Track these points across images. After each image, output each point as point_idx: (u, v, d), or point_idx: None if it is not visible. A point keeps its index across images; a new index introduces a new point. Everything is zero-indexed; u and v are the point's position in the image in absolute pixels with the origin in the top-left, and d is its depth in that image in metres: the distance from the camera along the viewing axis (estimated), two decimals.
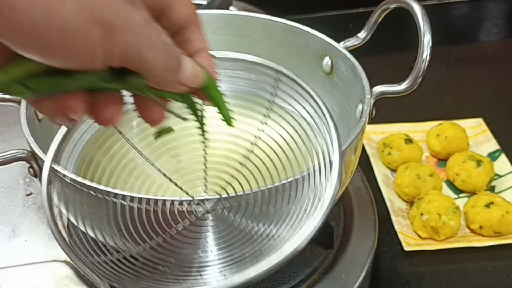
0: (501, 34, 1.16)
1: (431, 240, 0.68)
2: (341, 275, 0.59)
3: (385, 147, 0.78)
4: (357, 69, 0.59)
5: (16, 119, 0.53)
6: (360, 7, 1.15)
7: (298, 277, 0.57)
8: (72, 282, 0.58)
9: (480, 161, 0.74)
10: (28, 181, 0.70)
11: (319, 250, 0.60)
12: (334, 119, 0.44)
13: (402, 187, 0.73)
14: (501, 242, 0.68)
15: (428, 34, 0.54)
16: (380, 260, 0.67)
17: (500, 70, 1.02)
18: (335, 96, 0.65)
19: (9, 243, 0.63)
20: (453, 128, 0.79)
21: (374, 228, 0.64)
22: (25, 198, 0.68)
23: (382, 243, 0.69)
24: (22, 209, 0.67)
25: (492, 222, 0.68)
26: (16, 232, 0.64)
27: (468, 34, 1.16)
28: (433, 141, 0.79)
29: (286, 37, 0.67)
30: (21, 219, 0.66)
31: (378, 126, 0.84)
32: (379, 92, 0.57)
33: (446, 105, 0.93)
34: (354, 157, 0.54)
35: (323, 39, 0.64)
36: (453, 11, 1.20)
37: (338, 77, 0.64)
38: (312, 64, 0.66)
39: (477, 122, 0.84)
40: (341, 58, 0.62)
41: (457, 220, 0.68)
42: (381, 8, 0.60)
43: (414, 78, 0.55)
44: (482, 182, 0.73)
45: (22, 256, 0.61)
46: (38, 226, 0.65)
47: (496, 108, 0.91)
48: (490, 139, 0.81)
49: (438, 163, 0.80)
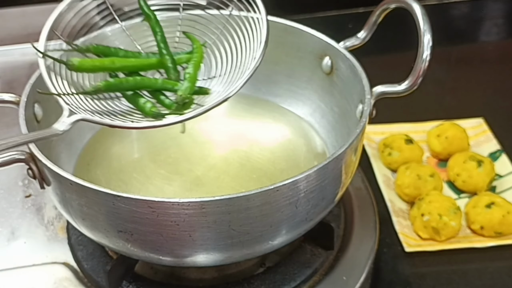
0: (502, 34, 1.16)
1: (432, 240, 0.68)
2: (342, 276, 0.59)
3: (386, 148, 0.78)
4: (357, 69, 0.59)
5: (15, 120, 0.53)
6: (360, 7, 1.15)
7: (299, 278, 0.57)
8: (71, 284, 0.58)
9: (480, 161, 0.73)
10: (27, 183, 0.70)
11: (320, 252, 0.60)
12: None
13: (402, 187, 0.73)
14: (502, 243, 0.68)
15: (428, 34, 0.54)
16: (381, 261, 0.67)
17: (500, 70, 1.02)
18: (335, 97, 0.65)
19: (8, 245, 0.63)
20: (454, 128, 0.79)
21: (375, 229, 0.64)
22: (24, 200, 0.68)
23: (382, 244, 0.68)
24: (21, 211, 0.67)
25: (493, 222, 0.67)
26: (15, 234, 0.64)
27: (469, 34, 1.16)
28: (434, 141, 0.79)
29: (286, 37, 0.67)
30: (20, 221, 0.65)
31: (378, 126, 0.83)
32: (379, 92, 0.56)
33: (446, 105, 0.93)
34: (355, 157, 0.54)
35: (323, 39, 0.64)
36: (453, 11, 1.20)
37: (338, 77, 0.64)
38: (312, 65, 0.66)
39: (477, 122, 0.84)
40: (341, 58, 0.62)
41: (458, 221, 0.68)
42: (381, 8, 0.60)
43: (414, 78, 0.55)
44: (483, 183, 0.73)
45: (21, 258, 0.61)
46: (37, 228, 0.65)
47: (496, 108, 0.91)
48: (490, 139, 0.81)
49: (438, 164, 0.80)
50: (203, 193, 0.59)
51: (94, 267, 0.58)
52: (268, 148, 0.66)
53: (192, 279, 0.58)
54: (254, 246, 0.51)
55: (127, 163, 0.64)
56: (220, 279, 0.58)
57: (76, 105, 0.47)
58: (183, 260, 0.51)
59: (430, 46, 0.54)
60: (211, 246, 0.49)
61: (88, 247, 0.60)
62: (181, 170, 0.63)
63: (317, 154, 0.66)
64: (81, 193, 0.48)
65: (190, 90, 0.48)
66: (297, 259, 0.59)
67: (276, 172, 0.62)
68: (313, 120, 0.69)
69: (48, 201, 0.67)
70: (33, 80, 0.58)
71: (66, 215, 0.53)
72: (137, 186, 0.61)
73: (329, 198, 0.53)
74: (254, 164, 0.64)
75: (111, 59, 0.46)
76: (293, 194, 0.48)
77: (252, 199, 0.46)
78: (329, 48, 0.64)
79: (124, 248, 0.51)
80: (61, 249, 0.62)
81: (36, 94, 0.57)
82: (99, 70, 0.46)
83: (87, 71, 0.46)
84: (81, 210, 0.50)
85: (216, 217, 0.47)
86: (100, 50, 0.47)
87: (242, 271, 0.59)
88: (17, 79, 0.87)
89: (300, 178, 0.48)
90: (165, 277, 0.58)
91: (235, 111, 0.71)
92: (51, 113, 0.61)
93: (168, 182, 0.61)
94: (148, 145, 0.67)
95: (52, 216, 0.66)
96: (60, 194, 0.51)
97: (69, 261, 0.61)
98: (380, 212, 0.68)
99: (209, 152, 0.65)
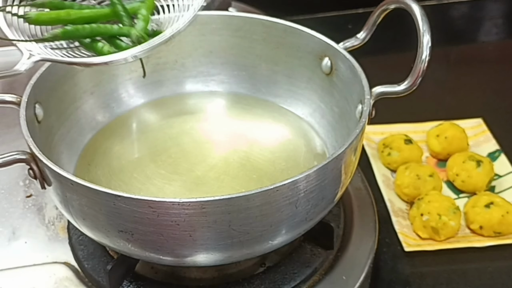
0: (501, 34, 1.16)
1: (431, 240, 0.68)
2: (342, 276, 0.59)
3: (385, 148, 0.78)
4: (357, 70, 0.59)
5: (15, 120, 0.53)
6: (360, 8, 1.15)
7: (299, 278, 0.57)
8: (72, 284, 0.58)
9: (480, 161, 0.74)
10: (28, 183, 0.70)
11: (320, 251, 0.60)
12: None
13: (402, 187, 0.73)
14: (501, 242, 0.68)
15: (428, 34, 0.54)
16: (381, 261, 0.67)
17: (499, 70, 1.02)
18: (334, 97, 0.65)
19: (9, 245, 0.63)
20: (453, 128, 0.79)
21: (374, 228, 0.64)
22: (25, 200, 0.68)
23: (382, 243, 0.69)
24: (22, 211, 0.67)
25: (493, 222, 0.68)
26: (16, 234, 0.64)
27: (468, 34, 1.16)
28: (433, 141, 0.79)
29: (286, 38, 0.67)
30: (21, 221, 0.66)
31: (377, 126, 0.84)
32: (379, 92, 0.57)
33: (446, 106, 0.93)
34: (354, 157, 0.54)
35: (322, 39, 0.64)
36: (453, 11, 1.20)
37: (337, 77, 0.64)
38: (311, 65, 0.67)
39: (477, 122, 0.84)
40: (340, 58, 0.62)
41: (457, 221, 0.68)
42: (380, 9, 0.60)
43: (413, 79, 0.55)
44: (482, 182, 0.73)
45: (22, 258, 0.61)
46: (38, 228, 0.65)
47: (496, 108, 0.91)
48: (490, 139, 0.81)
49: (438, 164, 0.80)
50: (203, 193, 0.60)
51: (95, 267, 0.58)
52: (268, 148, 0.66)
53: (192, 278, 0.58)
54: (254, 246, 0.51)
55: (128, 163, 0.64)
56: (220, 279, 0.58)
57: (34, 50, 0.48)
58: (183, 259, 0.51)
59: (429, 47, 0.54)
60: (211, 246, 0.49)
61: (88, 247, 0.60)
62: (181, 170, 0.63)
63: (316, 154, 0.66)
64: (81, 193, 0.48)
65: (144, 29, 0.50)
66: (297, 258, 0.59)
67: (276, 172, 0.63)
68: (313, 120, 0.69)
69: (49, 201, 0.67)
70: (34, 80, 0.58)
71: (67, 215, 0.54)
72: (137, 186, 0.61)
73: (329, 198, 0.54)
74: (254, 164, 0.64)
75: (66, 11, 0.48)
76: (293, 194, 0.48)
77: (252, 199, 0.47)
78: (329, 49, 0.64)
79: (125, 248, 0.51)
80: (62, 249, 0.62)
81: (37, 94, 0.58)
82: (55, 22, 0.48)
83: (44, 24, 0.47)
84: (82, 210, 0.50)
85: (216, 217, 0.47)
86: (55, 4, 0.49)
87: (242, 270, 0.59)
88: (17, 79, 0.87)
89: (300, 178, 0.48)
90: (166, 277, 0.58)
91: (235, 111, 0.72)
92: (52, 114, 0.61)
93: (169, 182, 0.61)
94: (149, 145, 0.67)
95: (53, 216, 0.66)
96: (61, 194, 0.51)
97: (70, 260, 0.61)
98: (379, 212, 0.68)
99: (209, 152, 0.65)
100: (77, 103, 0.66)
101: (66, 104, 0.64)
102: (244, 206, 0.47)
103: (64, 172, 0.48)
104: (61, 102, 0.63)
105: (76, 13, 0.48)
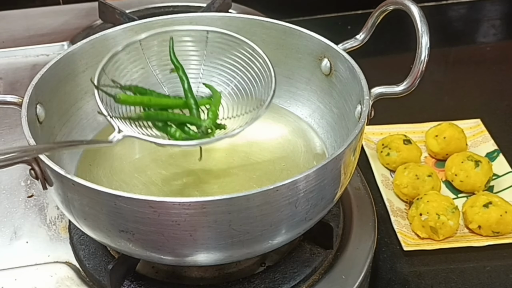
0: (499, 35, 1.16)
1: (430, 240, 0.69)
2: (341, 275, 0.59)
3: (384, 148, 0.78)
4: (356, 71, 0.59)
5: (17, 121, 0.54)
6: (359, 9, 1.15)
7: (298, 277, 0.57)
8: (73, 283, 0.58)
9: (478, 161, 0.74)
10: (29, 183, 0.70)
11: (319, 251, 0.60)
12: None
13: (401, 187, 0.73)
14: (499, 242, 0.68)
15: (426, 35, 0.54)
16: (380, 260, 0.67)
17: (498, 71, 1.03)
18: (334, 98, 0.65)
19: (11, 245, 0.63)
20: (452, 128, 0.79)
21: (374, 228, 0.64)
22: (26, 200, 0.69)
23: (381, 243, 0.69)
24: (23, 211, 0.67)
25: (491, 222, 0.68)
26: (17, 233, 0.65)
27: (466, 35, 1.16)
28: (432, 141, 0.80)
29: (285, 39, 0.68)
30: (22, 221, 0.66)
31: (377, 127, 0.84)
32: (378, 93, 0.57)
33: (444, 106, 0.94)
34: (353, 158, 0.55)
35: (322, 41, 0.65)
36: (451, 13, 1.20)
37: (337, 78, 0.64)
38: (311, 66, 0.67)
39: (475, 123, 0.84)
40: (339, 59, 0.62)
41: (456, 220, 0.68)
42: (379, 10, 0.61)
43: (412, 79, 0.55)
44: (480, 182, 0.74)
45: (24, 258, 0.62)
46: (39, 228, 0.65)
47: (494, 108, 0.92)
48: (488, 140, 0.82)
49: (436, 164, 0.80)
50: (204, 193, 0.60)
51: (96, 266, 0.59)
52: (268, 148, 0.66)
53: (193, 278, 0.59)
54: (254, 246, 0.51)
55: (129, 164, 0.64)
56: (221, 278, 0.58)
57: (120, 126, 0.54)
58: (184, 259, 0.52)
59: (428, 48, 0.54)
60: (211, 246, 0.50)
61: (90, 246, 0.60)
62: (182, 170, 0.63)
63: (316, 154, 0.66)
64: (83, 193, 0.49)
65: (212, 122, 0.59)
66: (297, 258, 0.59)
67: (276, 172, 0.63)
68: (313, 121, 0.69)
69: (50, 201, 0.68)
70: (35, 81, 0.58)
71: (68, 215, 0.54)
72: (138, 186, 0.61)
73: (328, 198, 0.54)
74: (254, 164, 0.64)
75: (148, 97, 0.58)
76: (292, 194, 0.48)
77: (252, 199, 0.47)
78: (328, 50, 0.64)
79: (126, 247, 0.51)
80: (63, 249, 0.62)
81: (39, 95, 0.58)
82: (138, 105, 0.57)
83: (128, 104, 0.57)
84: (83, 210, 0.50)
85: (217, 217, 0.47)
86: (138, 89, 0.58)
87: (242, 270, 0.59)
88: (19, 80, 0.87)
89: (299, 178, 0.48)
90: (167, 276, 0.59)
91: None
92: (53, 114, 0.61)
93: (169, 182, 0.62)
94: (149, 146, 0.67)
95: (54, 216, 0.66)
96: (62, 194, 0.51)
97: (71, 260, 0.61)
98: (378, 211, 0.69)
99: (210, 152, 0.66)
100: (78, 104, 0.66)
101: (67, 104, 0.64)
102: (244, 206, 0.47)
103: (66, 173, 0.49)
104: (63, 103, 0.63)
105: (155, 100, 0.58)
